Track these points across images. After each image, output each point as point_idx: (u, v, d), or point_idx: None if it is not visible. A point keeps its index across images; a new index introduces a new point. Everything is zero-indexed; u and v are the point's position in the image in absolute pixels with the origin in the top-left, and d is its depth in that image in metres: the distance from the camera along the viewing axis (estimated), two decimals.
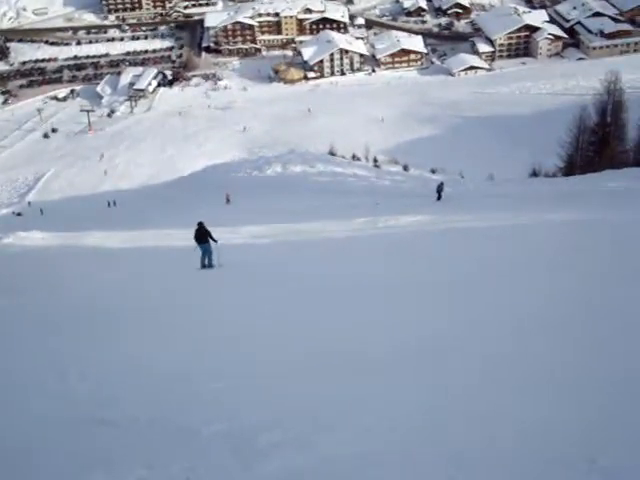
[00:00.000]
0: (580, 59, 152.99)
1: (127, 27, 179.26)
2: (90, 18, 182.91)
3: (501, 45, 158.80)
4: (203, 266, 20.71)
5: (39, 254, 28.50)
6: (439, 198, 37.57)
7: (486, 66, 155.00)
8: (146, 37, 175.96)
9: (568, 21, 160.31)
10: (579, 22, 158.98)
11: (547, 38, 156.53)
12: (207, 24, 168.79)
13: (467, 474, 6.31)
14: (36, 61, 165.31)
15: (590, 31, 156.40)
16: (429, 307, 12.99)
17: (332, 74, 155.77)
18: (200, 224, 20.77)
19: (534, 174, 61.92)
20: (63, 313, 15.45)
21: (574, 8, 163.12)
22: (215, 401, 8.79)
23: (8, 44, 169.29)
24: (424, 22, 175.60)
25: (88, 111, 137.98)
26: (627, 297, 12.08)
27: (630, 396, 7.59)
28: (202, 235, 20.52)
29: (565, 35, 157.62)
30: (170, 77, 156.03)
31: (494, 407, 7.69)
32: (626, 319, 10.73)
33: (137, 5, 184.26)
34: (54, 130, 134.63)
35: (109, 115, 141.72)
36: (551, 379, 8.37)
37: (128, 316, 14.55)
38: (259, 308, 14.34)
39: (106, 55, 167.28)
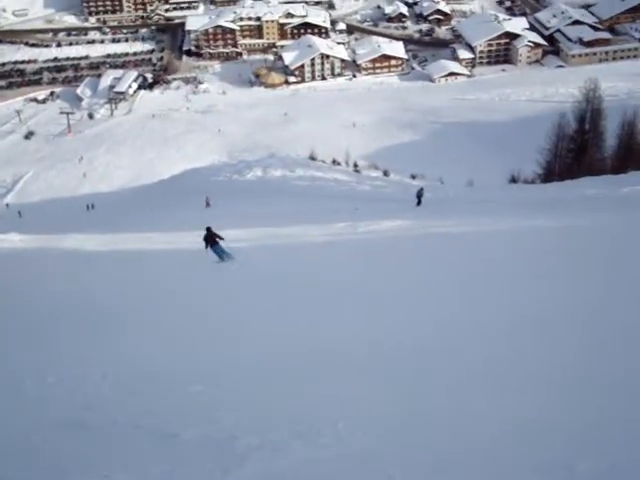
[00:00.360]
0: (559, 67, 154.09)
1: (108, 29, 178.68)
2: (71, 20, 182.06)
3: (481, 52, 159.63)
4: (221, 259, 21.89)
5: (17, 256, 28.37)
6: (419, 203, 37.63)
7: (466, 72, 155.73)
8: (127, 40, 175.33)
9: (548, 29, 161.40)
10: (559, 30, 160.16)
11: (527, 45, 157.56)
12: (188, 27, 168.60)
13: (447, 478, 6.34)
14: (15, 62, 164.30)
15: (570, 39, 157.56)
16: (411, 310, 13.04)
17: (313, 79, 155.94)
18: (208, 229, 22.04)
19: (513, 180, 62.32)
20: (42, 315, 15.40)
21: (554, 16, 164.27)
22: (194, 404, 8.80)
23: None
24: (405, 28, 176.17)
25: (68, 113, 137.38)
26: (611, 300, 12.18)
27: (618, 400, 7.63)
28: (211, 238, 21.89)
29: (545, 43, 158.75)
30: (151, 80, 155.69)
31: (479, 409, 7.72)
32: (612, 323, 10.80)
33: (118, 8, 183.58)
34: (31, 133, 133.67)
35: (90, 116, 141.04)
36: (536, 382, 8.42)
37: (107, 318, 14.51)
38: (239, 311, 14.36)
39: (86, 57, 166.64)
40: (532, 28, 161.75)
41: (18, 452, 7.69)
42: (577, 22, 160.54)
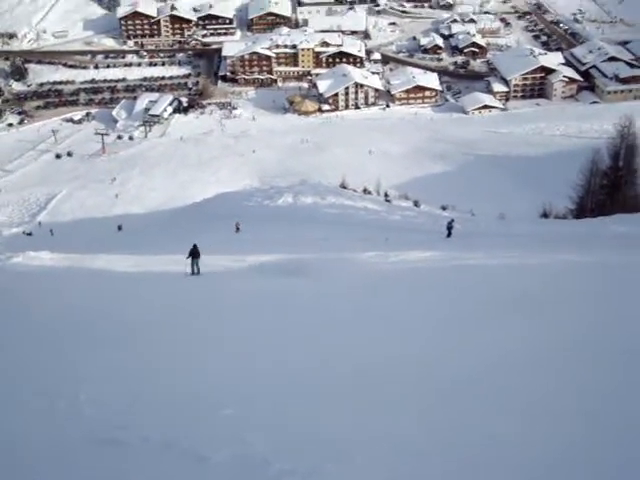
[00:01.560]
0: (594, 102, 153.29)
1: (145, 53, 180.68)
2: (109, 43, 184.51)
3: (516, 85, 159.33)
4: (192, 273, 26.50)
5: (47, 274, 28.53)
6: (449, 235, 37.52)
7: (500, 106, 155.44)
8: (163, 64, 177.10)
9: (584, 64, 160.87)
10: (594, 66, 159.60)
11: (562, 80, 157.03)
12: (224, 53, 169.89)
13: None
14: (53, 83, 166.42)
15: (605, 75, 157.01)
16: (441, 342, 12.97)
17: (347, 107, 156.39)
18: (195, 245, 26.70)
19: (545, 215, 61.85)
20: (72, 334, 15.43)
21: (590, 52, 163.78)
22: (225, 426, 8.84)
23: (27, 65, 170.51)
24: (440, 60, 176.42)
25: (102, 134, 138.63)
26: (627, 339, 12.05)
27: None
28: (195, 253, 26.57)
29: (580, 78, 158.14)
30: (186, 104, 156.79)
31: (493, 435, 7.65)
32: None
33: (156, 32, 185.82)
34: (69, 154, 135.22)
35: (130, 138, 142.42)
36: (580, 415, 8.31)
37: (138, 338, 14.57)
38: (271, 335, 14.34)
39: (123, 80, 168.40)
40: (568, 63, 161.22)
41: (51, 469, 7.72)
42: (613, 58, 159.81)
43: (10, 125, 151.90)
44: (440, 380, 10.37)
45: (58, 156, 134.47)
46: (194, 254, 26.55)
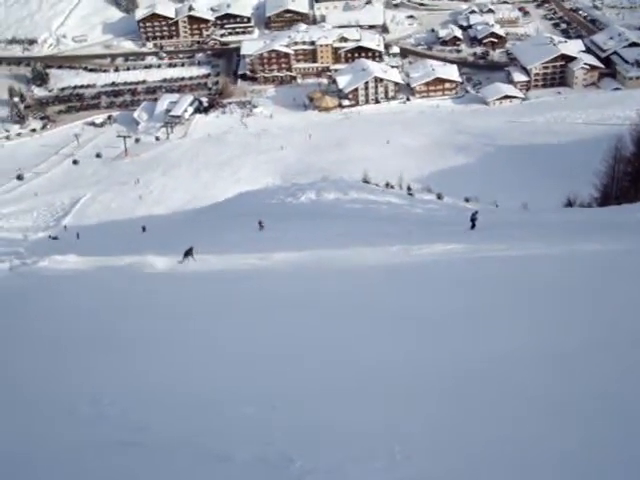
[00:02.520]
0: (616, 89, 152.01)
1: (164, 54, 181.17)
2: (128, 45, 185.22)
3: (536, 74, 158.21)
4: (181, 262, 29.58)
5: (73, 277, 28.70)
6: (473, 227, 37.30)
7: (521, 95, 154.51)
8: (183, 64, 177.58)
9: (604, 51, 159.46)
10: (615, 52, 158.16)
11: (583, 68, 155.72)
12: (243, 52, 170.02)
13: None
14: (74, 87, 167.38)
15: (626, 61, 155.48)
16: (464, 336, 12.91)
17: (367, 102, 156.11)
18: (191, 247, 29.81)
19: (569, 204, 61.42)
20: (95, 337, 15.51)
21: (610, 38, 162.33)
22: (247, 425, 8.83)
23: (48, 70, 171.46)
24: (459, 51, 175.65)
25: (125, 137, 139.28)
26: None
27: None
28: (189, 252, 29.59)
29: (601, 65, 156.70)
30: (206, 104, 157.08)
31: (538, 437, 7.61)
32: None
33: (174, 33, 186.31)
34: (98, 155, 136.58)
35: (157, 138, 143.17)
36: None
37: (159, 340, 14.60)
38: (292, 333, 14.31)
39: (143, 82, 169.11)
40: (588, 50, 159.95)
41: (72, 470, 7.75)
42: (634, 44, 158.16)
43: (33, 130, 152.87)
44: (461, 375, 10.30)
45: (75, 162, 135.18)
46: (188, 252, 29.97)
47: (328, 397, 9.80)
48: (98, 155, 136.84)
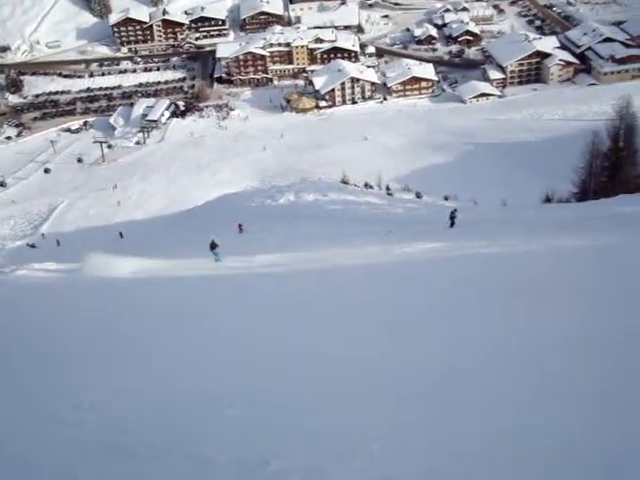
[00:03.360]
0: (592, 84, 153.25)
1: (139, 59, 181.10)
2: (103, 50, 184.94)
3: (512, 72, 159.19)
4: (218, 260, 29.42)
5: (52, 285, 28.47)
6: (452, 225, 37.39)
7: (497, 93, 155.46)
8: (158, 68, 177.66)
9: (579, 47, 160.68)
10: (590, 48, 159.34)
11: (558, 64, 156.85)
12: (219, 55, 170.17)
13: None
14: (49, 94, 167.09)
15: (601, 56, 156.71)
16: (447, 334, 12.88)
17: (344, 103, 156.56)
18: (213, 240, 29.63)
19: (548, 200, 61.64)
20: (73, 342, 15.41)
21: (585, 34, 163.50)
22: (229, 428, 8.82)
23: (22, 77, 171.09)
24: (435, 50, 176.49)
25: (101, 142, 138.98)
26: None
27: None
28: (213, 245, 29.55)
29: (576, 61, 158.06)
30: (182, 108, 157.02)
31: (529, 433, 7.57)
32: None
33: (149, 37, 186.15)
34: (80, 160, 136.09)
35: (138, 143, 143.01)
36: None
37: (138, 343, 14.56)
38: (271, 334, 14.26)
39: (119, 87, 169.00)
40: (563, 47, 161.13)
41: (53, 474, 7.74)
42: (608, 39, 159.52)
43: (8, 138, 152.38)
44: (442, 375, 10.31)
45: (47, 170, 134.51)
46: (212, 246, 29.89)
47: (309, 398, 9.80)
48: (79, 160, 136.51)
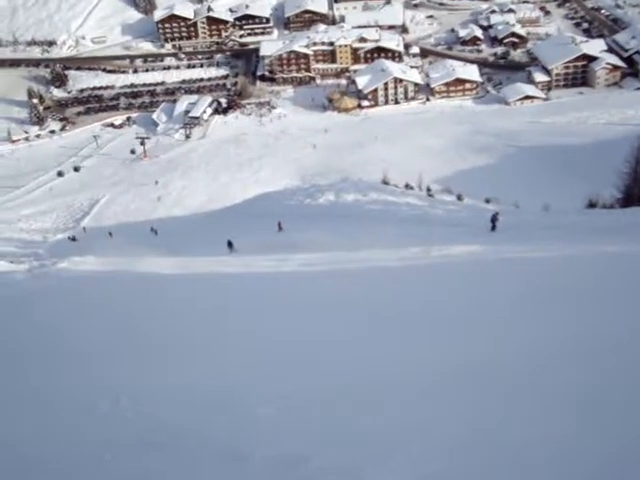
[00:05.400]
0: (639, 89, 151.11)
1: (183, 55, 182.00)
2: (147, 46, 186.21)
3: (558, 74, 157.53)
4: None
5: (92, 278, 28.66)
6: (494, 228, 37.06)
7: (542, 95, 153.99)
8: (202, 65, 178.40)
9: (627, 50, 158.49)
10: (638, 52, 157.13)
11: (605, 67, 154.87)
12: (262, 52, 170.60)
13: None
14: (93, 89, 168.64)
15: None
16: (485, 337, 12.72)
17: (386, 103, 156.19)
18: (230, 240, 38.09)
19: (591, 205, 60.87)
20: (116, 337, 15.52)
21: (633, 37, 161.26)
22: (265, 426, 8.83)
23: (67, 72, 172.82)
24: (480, 51, 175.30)
25: (143, 138, 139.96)
26: None
27: None
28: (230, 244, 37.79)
29: (624, 64, 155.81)
30: (225, 105, 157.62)
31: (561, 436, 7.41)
32: None
33: (193, 34, 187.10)
34: (76, 169, 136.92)
35: (187, 137, 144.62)
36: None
37: (177, 340, 14.59)
38: (308, 334, 14.22)
39: (162, 83, 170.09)
40: (610, 50, 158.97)
41: (90, 469, 7.84)
42: None
43: (52, 132, 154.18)
44: (479, 376, 10.18)
45: (77, 169, 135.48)
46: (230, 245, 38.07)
47: (345, 397, 9.76)
48: (132, 151, 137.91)
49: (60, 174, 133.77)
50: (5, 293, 25.24)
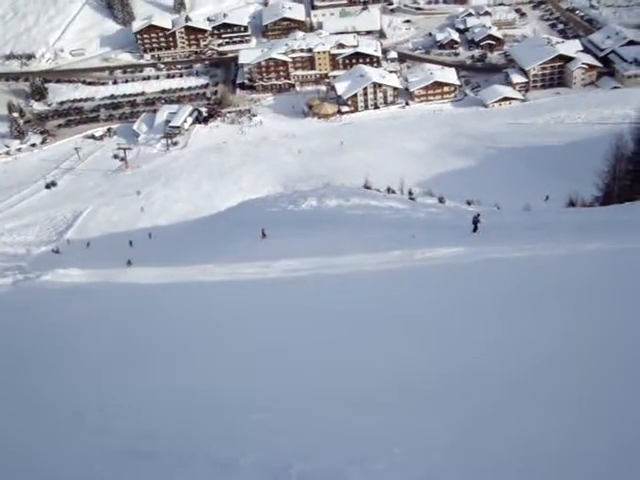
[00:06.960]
0: (615, 88, 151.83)
1: (162, 66, 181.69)
2: (126, 57, 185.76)
3: (535, 76, 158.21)
4: None
5: (77, 290, 28.69)
6: (475, 230, 37.28)
7: (520, 97, 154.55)
8: (181, 75, 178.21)
9: (602, 50, 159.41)
10: (613, 51, 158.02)
11: (581, 67, 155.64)
12: (241, 61, 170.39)
13: None
14: (73, 101, 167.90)
15: (625, 60, 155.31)
16: (470, 339, 12.86)
17: (366, 108, 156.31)
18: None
19: (571, 204, 61.32)
20: (99, 347, 15.56)
21: (608, 37, 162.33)
22: (252, 432, 8.92)
23: (46, 85, 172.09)
24: (457, 54, 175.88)
25: (124, 149, 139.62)
26: None
27: None
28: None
29: (599, 64, 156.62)
30: (205, 114, 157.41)
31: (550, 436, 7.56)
32: None
33: (172, 44, 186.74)
34: (54, 184, 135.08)
35: (168, 147, 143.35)
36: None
37: (162, 349, 14.68)
38: (296, 340, 14.32)
39: (142, 93, 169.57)
40: (586, 50, 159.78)
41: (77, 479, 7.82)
42: (632, 42, 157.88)
43: (33, 145, 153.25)
44: (464, 378, 10.30)
45: (47, 187, 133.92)
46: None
47: (331, 401, 9.85)
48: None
49: (48, 187, 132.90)
50: None
